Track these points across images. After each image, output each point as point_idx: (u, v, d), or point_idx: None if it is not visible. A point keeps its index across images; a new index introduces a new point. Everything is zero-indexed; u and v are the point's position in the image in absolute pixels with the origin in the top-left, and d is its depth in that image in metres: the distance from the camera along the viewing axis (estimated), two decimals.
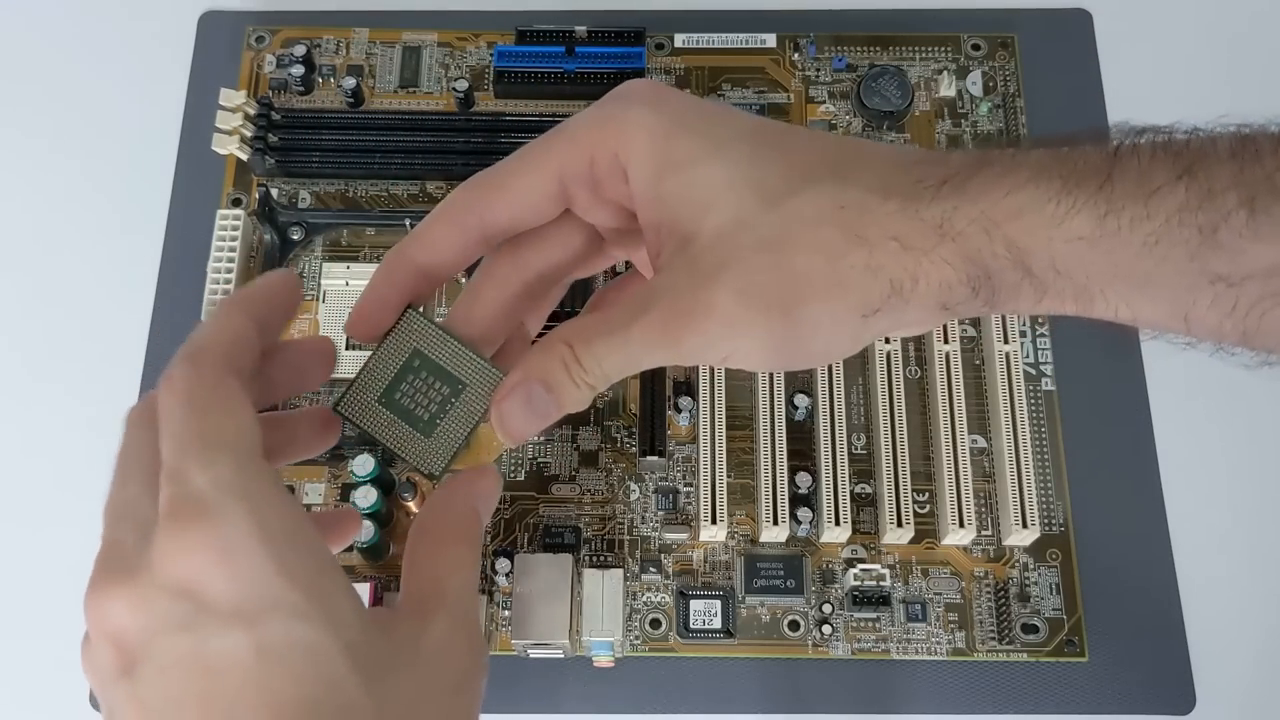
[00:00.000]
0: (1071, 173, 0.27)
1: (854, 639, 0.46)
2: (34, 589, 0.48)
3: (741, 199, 0.29)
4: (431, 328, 0.31)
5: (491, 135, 0.52)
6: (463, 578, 0.30)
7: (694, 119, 0.30)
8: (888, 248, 0.28)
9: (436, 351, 0.31)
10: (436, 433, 0.31)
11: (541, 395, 0.30)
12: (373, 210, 0.53)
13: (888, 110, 0.53)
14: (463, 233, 0.31)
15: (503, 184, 0.30)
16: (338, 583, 0.27)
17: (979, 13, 0.57)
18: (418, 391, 0.31)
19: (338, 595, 0.26)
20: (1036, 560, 0.47)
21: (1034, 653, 0.45)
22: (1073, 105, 0.55)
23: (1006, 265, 0.27)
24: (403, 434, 0.31)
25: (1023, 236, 0.27)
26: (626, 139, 0.29)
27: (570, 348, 0.29)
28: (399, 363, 0.31)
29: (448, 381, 0.31)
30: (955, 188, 0.28)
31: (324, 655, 0.25)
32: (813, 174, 0.29)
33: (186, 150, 0.54)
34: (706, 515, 0.45)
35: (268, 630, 0.25)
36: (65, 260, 0.53)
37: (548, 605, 0.43)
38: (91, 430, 0.50)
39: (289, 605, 0.25)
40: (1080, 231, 0.27)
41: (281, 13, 0.57)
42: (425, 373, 0.31)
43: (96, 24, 0.58)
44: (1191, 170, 0.26)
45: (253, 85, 0.55)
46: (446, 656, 0.28)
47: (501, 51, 0.54)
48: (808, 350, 0.30)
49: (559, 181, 0.30)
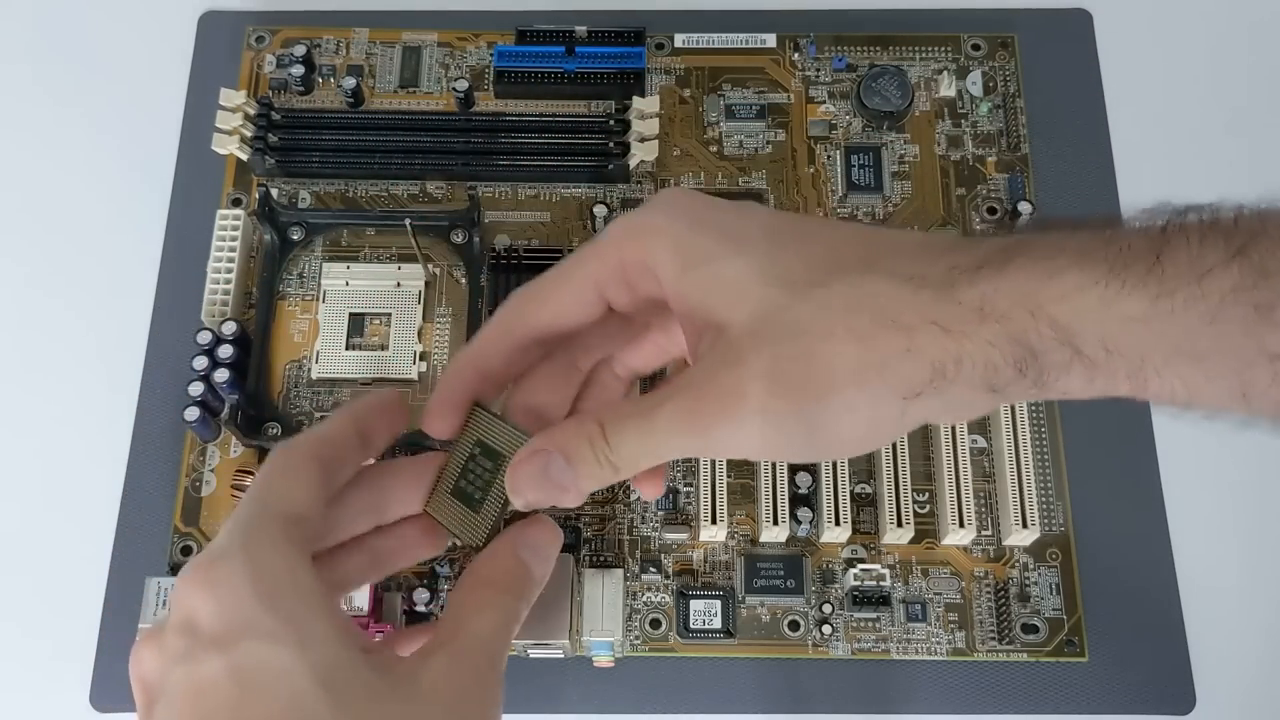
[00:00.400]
0: (1119, 255, 0.26)
1: (854, 639, 0.46)
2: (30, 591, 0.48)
3: (766, 291, 0.29)
4: (490, 417, 0.34)
5: (491, 135, 0.52)
6: (485, 620, 0.31)
7: (712, 218, 0.31)
8: (928, 332, 0.28)
9: (493, 437, 0.33)
10: (483, 508, 0.33)
11: (560, 465, 0.31)
12: (373, 210, 0.53)
13: (888, 110, 0.53)
14: (513, 340, 0.33)
15: (545, 298, 0.33)
16: (319, 611, 0.28)
17: (979, 13, 0.57)
18: (476, 475, 0.34)
19: (316, 622, 0.28)
20: (1036, 560, 0.47)
21: (1034, 653, 0.45)
22: (1073, 105, 0.55)
23: (1053, 345, 0.27)
24: (463, 517, 0.34)
25: (1070, 318, 0.27)
26: (650, 244, 0.31)
27: (600, 426, 0.30)
28: (465, 454, 0.34)
29: (495, 459, 0.33)
30: (994, 271, 0.28)
31: (292, 676, 0.27)
32: (839, 264, 0.29)
33: (186, 150, 0.54)
34: (706, 515, 0.45)
35: (241, 653, 0.27)
36: (65, 260, 0.53)
37: (548, 605, 0.43)
38: (91, 431, 0.50)
39: (264, 630, 0.27)
40: (1132, 312, 0.26)
41: (281, 13, 0.57)
42: (482, 457, 0.33)
43: (96, 24, 0.58)
44: (1244, 250, 0.26)
45: (253, 85, 0.55)
46: (442, 694, 0.29)
47: (501, 51, 0.54)
48: (843, 438, 0.30)
49: (595, 289, 0.32)
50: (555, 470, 0.31)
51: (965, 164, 0.53)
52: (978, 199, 0.53)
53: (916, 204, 0.53)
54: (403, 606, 0.45)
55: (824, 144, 0.54)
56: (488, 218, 0.52)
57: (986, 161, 0.53)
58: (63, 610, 0.47)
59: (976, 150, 0.54)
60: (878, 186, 0.52)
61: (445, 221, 0.51)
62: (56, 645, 0.47)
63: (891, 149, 0.53)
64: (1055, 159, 0.54)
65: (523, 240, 0.52)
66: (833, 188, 0.53)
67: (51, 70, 0.57)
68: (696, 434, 0.29)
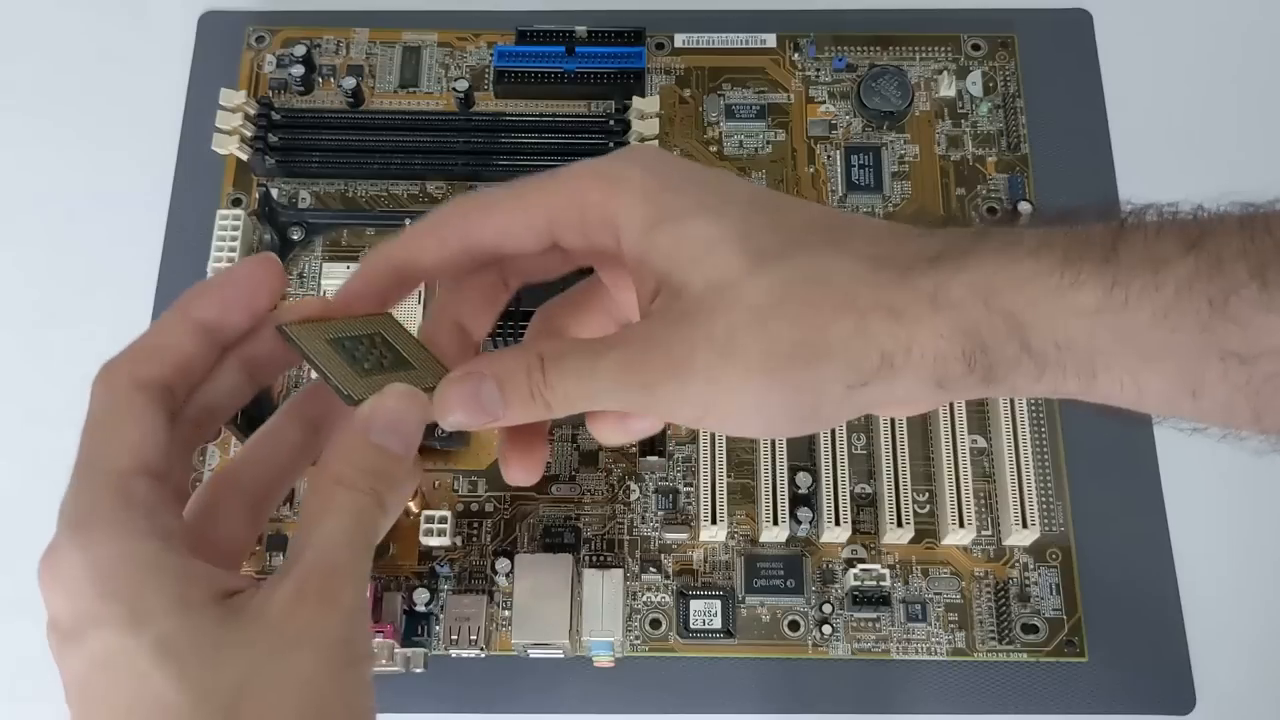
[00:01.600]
0: (1074, 245, 0.26)
1: (854, 639, 0.46)
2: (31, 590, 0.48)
3: (731, 257, 0.28)
4: (399, 325, 0.31)
5: (491, 135, 0.52)
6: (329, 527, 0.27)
7: (689, 181, 0.30)
8: (878, 315, 0.27)
9: (397, 339, 0.31)
10: (371, 379, 0.29)
11: (492, 391, 0.29)
12: (373, 210, 0.53)
13: (888, 110, 0.53)
14: (447, 246, 0.31)
15: (491, 208, 0.31)
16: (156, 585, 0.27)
17: (979, 13, 0.57)
18: (366, 351, 0.30)
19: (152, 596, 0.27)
20: (1036, 560, 0.47)
21: (1034, 653, 0.45)
22: (1073, 105, 0.55)
23: (1003, 338, 0.27)
24: (337, 365, 0.29)
25: (1023, 309, 0.26)
26: (619, 193, 0.30)
27: (540, 360, 0.29)
28: (358, 332, 0.31)
29: (396, 357, 0.31)
30: (953, 260, 0.27)
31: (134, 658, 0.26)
32: (805, 240, 0.29)
33: (186, 150, 0.54)
34: (706, 515, 0.45)
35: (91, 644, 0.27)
36: (65, 260, 0.53)
37: (548, 605, 0.43)
38: None
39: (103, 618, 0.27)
40: (1085, 303, 0.26)
41: (281, 13, 0.57)
42: (379, 348, 0.31)
43: (96, 24, 0.58)
44: (1200, 242, 0.25)
45: (253, 85, 0.55)
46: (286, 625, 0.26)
47: (501, 51, 0.54)
48: (789, 416, 0.29)
49: (546, 220, 0.30)
50: (487, 395, 0.29)
51: (965, 164, 0.53)
52: (978, 199, 0.53)
53: (916, 204, 0.53)
54: (403, 607, 0.45)
55: (824, 144, 0.54)
56: None
57: (986, 161, 0.53)
58: None
59: (976, 150, 0.54)
60: (878, 186, 0.52)
61: None
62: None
63: (891, 149, 0.53)
64: (1055, 159, 0.54)
65: None
66: (833, 188, 0.53)
67: (52, 70, 0.57)
68: (638, 389, 0.29)
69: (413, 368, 0.30)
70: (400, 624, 0.45)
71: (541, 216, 0.31)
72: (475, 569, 0.46)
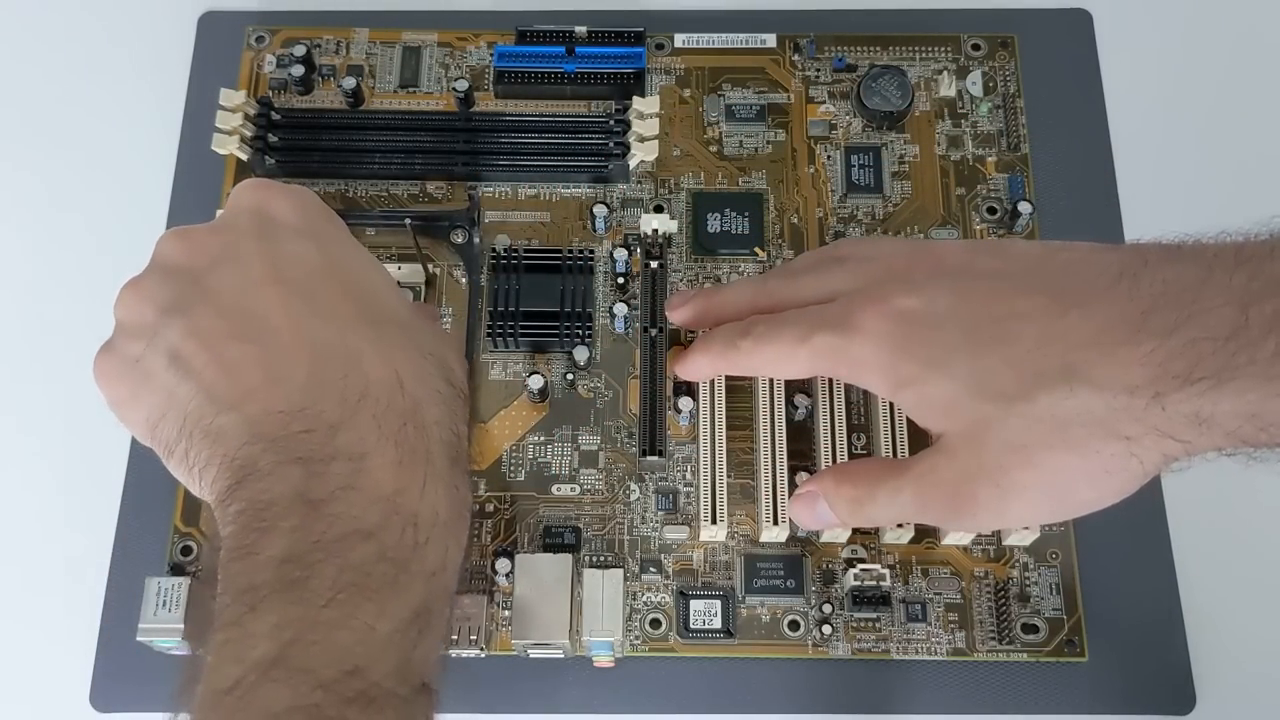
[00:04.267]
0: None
1: (854, 639, 0.46)
2: (30, 591, 0.48)
3: (976, 405, 0.33)
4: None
5: (491, 135, 0.52)
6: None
7: (915, 339, 0.34)
8: (1152, 438, 0.31)
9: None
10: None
11: (825, 510, 0.39)
12: (373, 210, 0.52)
13: (888, 110, 0.53)
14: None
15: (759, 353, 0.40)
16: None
17: (979, 13, 0.57)
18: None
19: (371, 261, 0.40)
20: (1036, 560, 0.47)
21: (1034, 653, 0.45)
22: (1073, 105, 0.55)
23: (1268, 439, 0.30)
24: None
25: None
26: (860, 374, 0.36)
27: (859, 493, 0.38)
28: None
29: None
30: (1212, 386, 0.29)
31: (369, 264, 0.39)
32: (1040, 374, 0.32)
33: (186, 150, 0.54)
34: (706, 515, 0.45)
35: (327, 244, 0.37)
36: (65, 260, 0.53)
37: (548, 605, 0.43)
38: (92, 431, 0.50)
39: (339, 237, 0.39)
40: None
41: (281, 13, 0.57)
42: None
43: (96, 24, 0.58)
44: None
45: (253, 85, 0.55)
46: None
47: (501, 52, 0.54)
48: (1074, 513, 0.35)
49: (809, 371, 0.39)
50: (821, 512, 0.40)
51: (965, 164, 0.53)
52: (978, 199, 0.53)
53: (916, 204, 0.53)
54: None
55: (824, 144, 0.54)
56: (488, 218, 0.52)
57: (986, 161, 0.53)
58: (63, 610, 0.47)
59: (976, 150, 0.54)
60: (878, 187, 0.52)
61: (445, 222, 0.51)
62: (56, 645, 0.47)
63: (891, 149, 0.53)
64: (1055, 159, 0.54)
65: (523, 240, 0.52)
66: (833, 188, 0.53)
67: (51, 70, 0.57)
68: (930, 520, 0.39)
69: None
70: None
71: (803, 372, 0.40)
72: (475, 569, 0.46)
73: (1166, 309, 0.30)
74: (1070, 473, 0.32)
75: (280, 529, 0.29)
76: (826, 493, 0.39)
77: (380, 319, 0.35)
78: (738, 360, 0.41)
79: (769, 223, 0.52)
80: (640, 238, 0.49)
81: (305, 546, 0.29)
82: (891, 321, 0.35)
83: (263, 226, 0.35)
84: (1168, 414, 0.30)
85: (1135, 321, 0.31)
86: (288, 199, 0.37)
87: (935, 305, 0.34)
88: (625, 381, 0.49)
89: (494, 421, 0.49)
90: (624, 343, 0.50)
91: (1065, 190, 0.53)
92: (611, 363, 0.50)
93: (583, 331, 0.49)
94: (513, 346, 0.49)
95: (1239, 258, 0.30)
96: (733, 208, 0.52)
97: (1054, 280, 0.33)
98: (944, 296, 0.34)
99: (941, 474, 0.34)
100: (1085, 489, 0.33)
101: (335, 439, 0.31)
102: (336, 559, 0.29)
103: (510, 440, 0.48)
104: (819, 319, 0.36)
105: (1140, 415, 0.30)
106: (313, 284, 0.34)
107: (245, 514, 0.30)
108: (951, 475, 0.34)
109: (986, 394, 0.32)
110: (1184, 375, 0.29)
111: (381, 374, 0.32)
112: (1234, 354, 0.29)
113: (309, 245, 0.35)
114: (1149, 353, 0.30)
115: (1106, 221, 0.52)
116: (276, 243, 0.35)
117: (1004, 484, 0.33)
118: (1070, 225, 0.52)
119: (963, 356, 0.33)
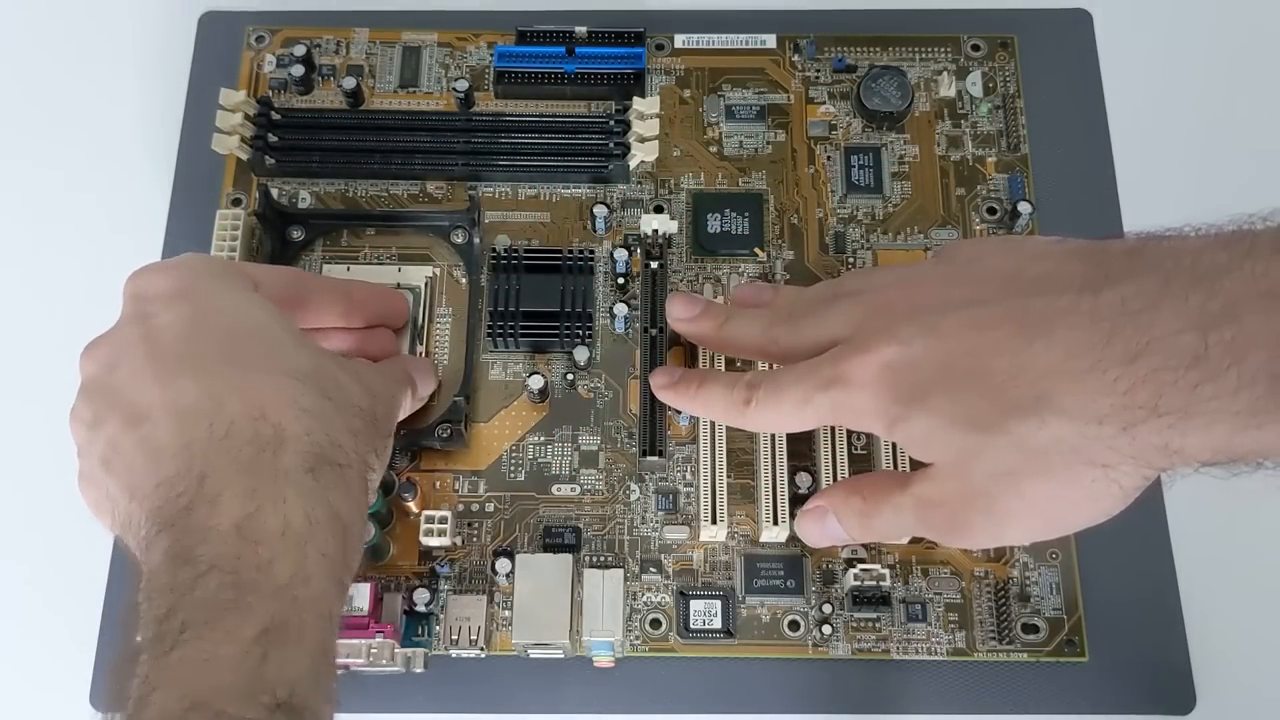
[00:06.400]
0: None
1: (854, 639, 0.46)
2: (30, 590, 0.48)
3: (955, 439, 0.34)
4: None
5: (491, 135, 0.52)
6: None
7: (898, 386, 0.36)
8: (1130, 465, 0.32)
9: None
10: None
11: (834, 525, 0.41)
12: (373, 210, 0.53)
13: (888, 111, 0.53)
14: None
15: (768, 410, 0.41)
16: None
17: (979, 13, 0.57)
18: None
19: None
20: (1036, 560, 0.47)
21: (1034, 653, 0.45)
22: (1073, 106, 0.55)
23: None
24: None
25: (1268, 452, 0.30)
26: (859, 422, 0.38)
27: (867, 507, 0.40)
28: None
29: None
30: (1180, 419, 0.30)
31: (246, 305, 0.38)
32: (1015, 406, 0.33)
33: (186, 150, 0.54)
34: (706, 515, 0.45)
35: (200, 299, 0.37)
36: (65, 260, 0.53)
37: (548, 605, 0.43)
38: None
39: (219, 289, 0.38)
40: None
41: (281, 13, 0.57)
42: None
43: (97, 24, 0.58)
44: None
45: (253, 85, 0.55)
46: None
47: (501, 52, 0.54)
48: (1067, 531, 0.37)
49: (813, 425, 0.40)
50: (831, 527, 0.41)
51: (965, 164, 0.53)
52: (977, 199, 0.53)
53: (916, 204, 0.53)
54: (403, 606, 0.45)
55: (824, 144, 0.54)
56: (488, 218, 0.52)
57: (986, 162, 0.53)
58: (63, 610, 0.47)
59: (976, 151, 0.54)
60: (877, 187, 0.52)
61: (445, 222, 0.51)
62: (56, 645, 0.47)
63: (891, 149, 0.53)
64: (1055, 159, 0.54)
65: (523, 240, 0.52)
66: (833, 188, 0.53)
67: (52, 70, 0.57)
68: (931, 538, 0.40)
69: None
70: (400, 624, 0.44)
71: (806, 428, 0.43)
72: (475, 569, 0.46)
73: (1127, 330, 0.31)
74: (1056, 499, 0.34)
75: (159, 588, 0.31)
76: (836, 507, 0.40)
77: (248, 355, 0.36)
78: (743, 423, 0.42)
79: (769, 223, 0.52)
80: (640, 238, 0.49)
81: (172, 599, 0.31)
82: (877, 370, 0.36)
83: (137, 310, 0.37)
84: (1138, 445, 0.31)
85: (1099, 346, 0.31)
86: (160, 271, 0.39)
87: (913, 348, 0.36)
88: (625, 382, 0.49)
89: (494, 422, 0.49)
90: (624, 343, 0.50)
91: (1065, 190, 0.53)
92: (611, 363, 0.50)
93: (583, 332, 0.49)
94: (513, 347, 0.49)
95: (1195, 271, 0.30)
96: (733, 208, 0.52)
97: (1021, 303, 0.34)
98: (920, 338, 0.36)
99: (936, 499, 0.36)
100: (1072, 513, 0.35)
101: (202, 488, 0.32)
102: (186, 600, 0.30)
103: (510, 440, 0.48)
104: (816, 380, 0.38)
105: (1112, 444, 0.31)
106: (179, 346, 0.35)
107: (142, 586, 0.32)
108: (946, 502, 0.36)
109: (965, 426, 0.34)
110: (1149, 407, 0.30)
111: (242, 409, 0.34)
112: (1197, 386, 0.29)
113: (179, 307, 0.36)
114: (1113, 381, 0.31)
115: (1106, 222, 0.52)
116: (149, 320, 0.36)
117: (995, 511, 0.35)
118: (1070, 225, 0.52)
119: (940, 392, 0.35)
